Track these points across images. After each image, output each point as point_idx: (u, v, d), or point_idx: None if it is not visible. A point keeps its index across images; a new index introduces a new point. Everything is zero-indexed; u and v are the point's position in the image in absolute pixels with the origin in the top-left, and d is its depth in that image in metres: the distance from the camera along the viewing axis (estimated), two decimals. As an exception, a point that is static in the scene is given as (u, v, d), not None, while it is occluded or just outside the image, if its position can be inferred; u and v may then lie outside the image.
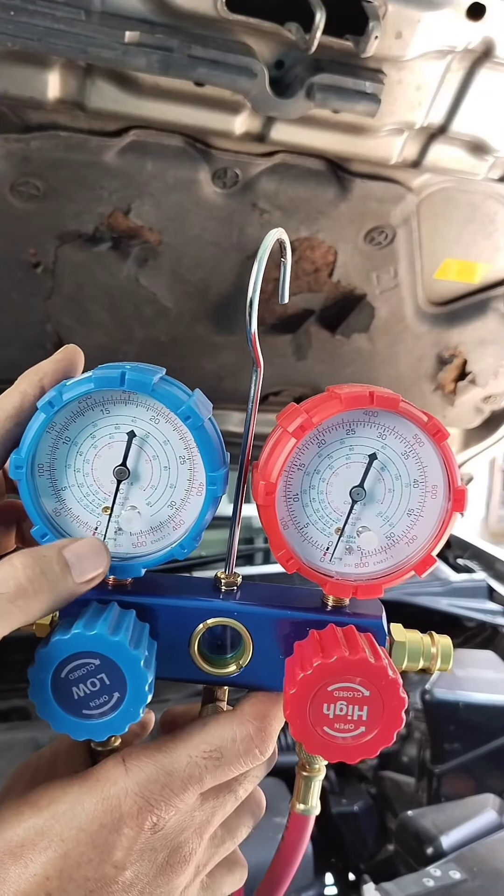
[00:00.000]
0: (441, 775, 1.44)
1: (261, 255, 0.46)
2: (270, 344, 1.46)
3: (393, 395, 0.47)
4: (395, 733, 0.46)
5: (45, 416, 0.47)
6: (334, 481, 0.49)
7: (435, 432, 0.48)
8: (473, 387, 1.66)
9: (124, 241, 1.23)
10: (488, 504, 6.65)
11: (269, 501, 0.48)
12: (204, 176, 1.15)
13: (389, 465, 0.49)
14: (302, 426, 0.47)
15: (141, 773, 0.45)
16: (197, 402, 0.48)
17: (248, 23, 0.93)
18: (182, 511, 0.50)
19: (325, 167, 1.20)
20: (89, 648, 0.45)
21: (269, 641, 0.50)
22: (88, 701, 0.46)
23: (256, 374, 0.49)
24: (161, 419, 0.48)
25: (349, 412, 0.48)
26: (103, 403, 0.48)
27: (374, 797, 1.52)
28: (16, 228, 1.18)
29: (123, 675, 0.45)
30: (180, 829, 0.46)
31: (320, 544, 0.51)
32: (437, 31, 0.97)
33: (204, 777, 0.46)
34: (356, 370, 1.56)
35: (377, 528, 0.50)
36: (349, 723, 0.46)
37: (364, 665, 0.45)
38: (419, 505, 0.50)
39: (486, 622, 1.82)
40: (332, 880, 1.39)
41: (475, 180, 1.23)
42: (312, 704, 0.46)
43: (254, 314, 0.46)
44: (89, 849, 0.43)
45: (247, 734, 0.48)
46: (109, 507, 0.49)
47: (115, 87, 0.99)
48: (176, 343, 1.42)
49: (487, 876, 1.06)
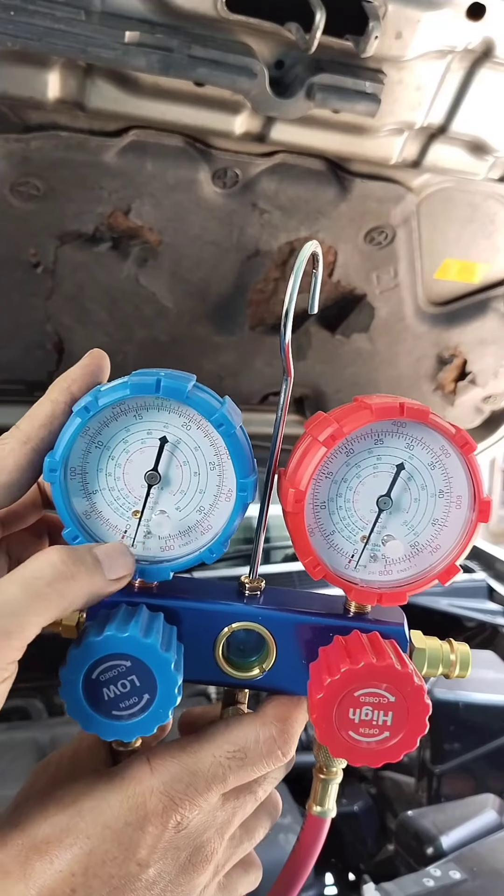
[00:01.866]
0: (441, 775, 1.44)
1: (297, 267, 0.46)
2: (270, 344, 1.46)
3: (423, 407, 0.47)
4: (418, 738, 0.47)
5: (81, 420, 0.47)
6: (361, 490, 0.50)
7: (463, 444, 0.48)
8: (473, 387, 1.66)
9: (124, 241, 1.23)
10: (488, 504, 6.64)
11: (299, 509, 0.48)
12: (204, 176, 1.15)
13: (416, 475, 0.50)
14: (333, 436, 0.47)
15: (166, 773, 0.46)
16: (229, 409, 0.48)
17: (248, 23, 0.93)
18: (210, 516, 0.51)
19: (325, 167, 1.20)
20: (121, 650, 0.45)
21: (293, 646, 0.51)
22: (118, 702, 0.46)
23: (287, 383, 0.49)
24: (193, 426, 0.49)
25: (378, 423, 0.48)
26: (136, 409, 0.49)
27: (374, 797, 1.52)
28: (16, 228, 1.18)
29: (154, 677, 0.46)
30: (203, 829, 0.46)
31: (345, 552, 0.51)
32: (437, 31, 0.97)
33: (227, 777, 0.46)
34: (356, 370, 1.56)
35: (402, 536, 0.51)
36: (374, 727, 0.47)
37: (391, 671, 0.46)
38: (444, 515, 0.51)
39: (486, 622, 1.82)
40: (332, 880, 1.39)
41: (475, 180, 1.23)
42: (339, 709, 0.46)
43: (289, 325, 0.47)
44: (114, 846, 0.43)
45: (270, 735, 0.48)
46: (139, 511, 0.50)
47: (115, 87, 0.99)
48: (176, 343, 1.42)
49: (487, 876, 1.06)
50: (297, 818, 1.26)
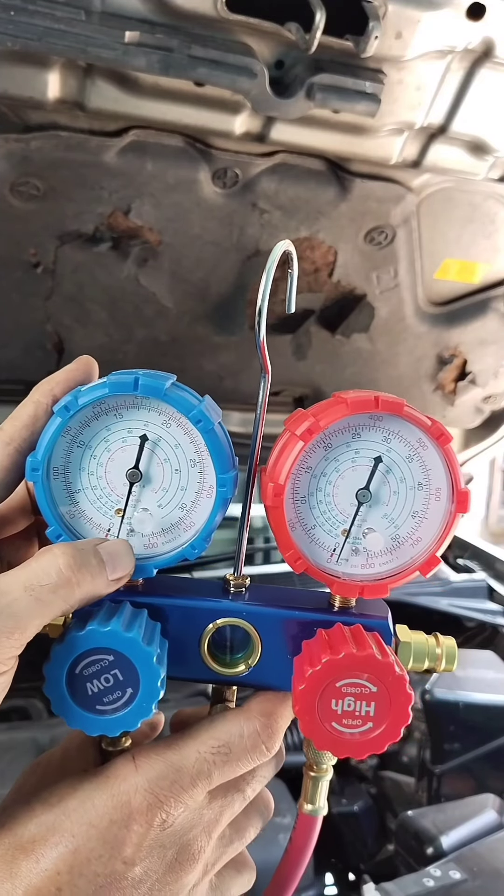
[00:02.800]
0: (441, 775, 1.44)
1: (269, 265, 0.47)
2: (270, 344, 1.45)
3: (397, 400, 0.48)
4: (402, 729, 0.47)
5: (61, 419, 0.48)
6: (340, 484, 0.51)
7: (438, 436, 0.49)
8: (473, 387, 1.66)
9: (124, 241, 1.23)
10: (488, 504, 6.64)
11: (278, 503, 0.49)
12: (204, 176, 1.15)
13: (394, 467, 0.50)
14: (309, 430, 0.48)
15: (151, 770, 0.46)
16: (207, 406, 0.49)
17: (248, 23, 0.93)
18: (192, 513, 0.51)
19: (325, 167, 1.20)
20: (104, 644, 0.45)
21: (278, 641, 0.51)
22: (102, 696, 0.46)
23: (265, 380, 0.50)
24: (173, 423, 0.50)
25: (355, 417, 0.49)
26: (117, 408, 0.49)
27: (374, 797, 1.52)
28: (16, 228, 1.18)
29: (136, 671, 0.46)
30: (189, 827, 0.46)
31: (327, 545, 0.52)
32: (437, 32, 0.98)
33: (212, 773, 0.47)
34: (356, 370, 1.56)
35: (382, 529, 0.51)
36: (357, 718, 0.47)
37: (371, 661, 0.46)
38: (423, 507, 0.51)
39: (486, 622, 1.82)
40: (332, 880, 1.39)
41: (475, 180, 1.23)
42: (321, 700, 0.46)
43: (262, 322, 0.48)
44: (99, 844, 0.43)
45: (254, 730, 0.48)
46: (122, 510, 0.51)
47: (115, 87, 0.99)
48: (176, 343, 1.42)
49: (487, 876, 1.06)
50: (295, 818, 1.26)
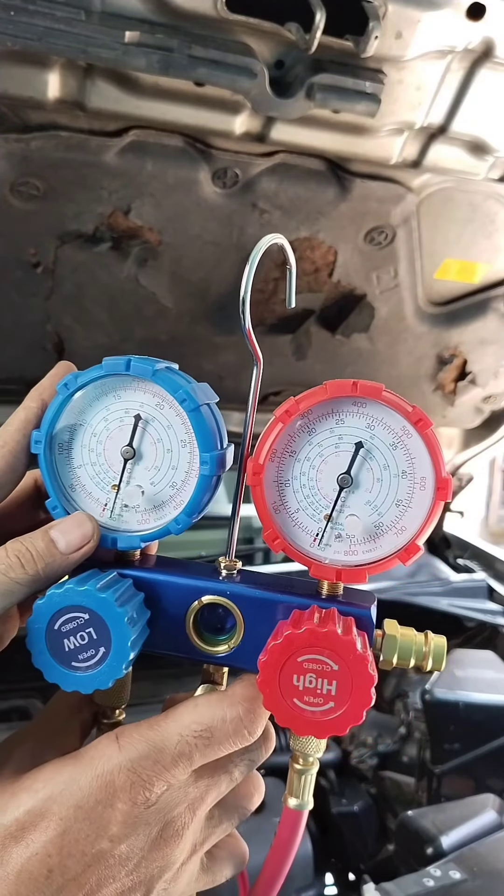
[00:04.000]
0: (441, 775, 1.44)
1: (253, 256, 0.49)
2: (270, 344, 1.46)
3: (376, 385, 0.49)
4: (364, 712, 0.47)
5: (62, 396, 0.52)
6: (324, 469, 0.52)
7: (417, 420, 0.49)
8: (473, 387, 1.66)
9: (124, 241, 1.23)
10: (488, 504, 6.64)
11: (257, 481, 0.51)
12: (204, 176, 1.15)
13: (377, 454, 0.51)
14: (288, 411, 0.50)
15: (133, 750, 0.47)
16: (195, 388, 0.52)
17: (248, 23, 0.93)
18: (182, 492, 0.54)
19: (325, 167, 1.20)
20: (79, 602, 0.48)
21: (261, 624, 0.52)
22: (77, 654, 0.49)
23: (257, 369, 0.53)
24: (165, 405, 0.53)
25: (339, 402, 0.50)
26: (115, 390, 0.53)
27: (374, 797, 1.52)
28: (16, 228, 1.18)
29: (109, 631, 0.48)
30: (173, 805, 0.48)
31: (310, 530, 0.52)
32: (437, 32, 0.98)
33: (193, 755, 0.47)
34: (356, 370, 1.56)
35: (365, 516, 0.52)
36: (318, 696, 0.47)
37: (332, 638, 0.46)
38: (408, 496, 0.51)
39: (486, 622, 1.82)
40: (332, 880, 1.39)
41: (475, 180, 1.23)
42: (283, 674, 0.47)
43: (247, 311, 0.50)
44: (86, 825, 0.45)
45: (236, 715, 0.49)
46: (117, 485, 0.54)
47: (115, 87, 0.99)
48: (176, 343, 1.42)
49: (487, 876, 1.06)
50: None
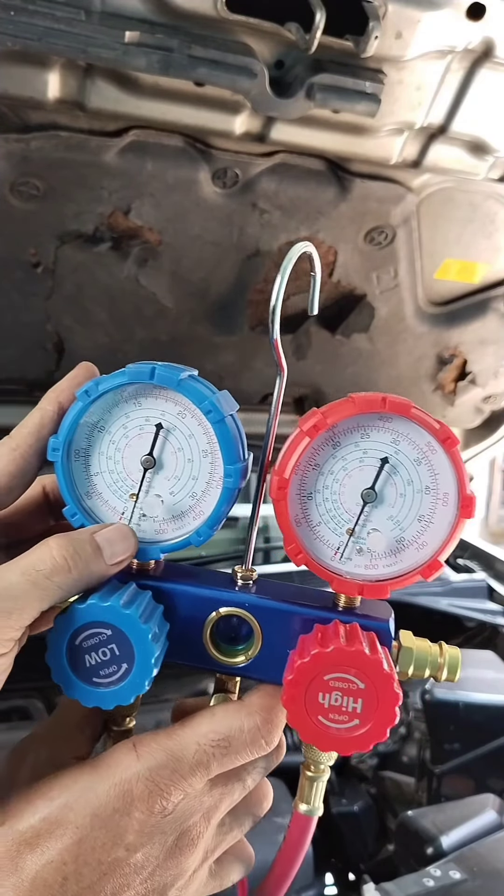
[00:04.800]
0: (441, 775, 1.44)
1: (284, 265, 0.48)
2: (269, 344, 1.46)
3: (405, 401, 0.49)
4: (388, 729, 0.47)
5: (82, 403, 0.50)
6: (347, 483, 0.51)
7: (444, 439, 0.49)
8: (473, 387, 1.66)
9: (124, 241, 1.23)
10: (488, 504, 6.65)
11: (282, 496, 0.50)
12: (204, 176, 1.15)
13: (401, 469, 0.51)
14: (315, 426, 0.49)
15: (151, 759, 0.46)
16: (220, 398, 0.51)
17: (248, 23, 0.93)
18: (202, 502, 0.53)
19: (325, 167, 1.20)
20: (102, 619, 0.47)
21: (278, 635, 0.52)
22: (99, 669, 0.48)
23: (280, 379, 0.52)
24: (187, 414, 0.52)
25: (365, 417, 0.50)
26: (136, 397, 0.52)
27: (374, 797, 1.52)
28: (16, 228, 1.18)
29: (132, 648, 0.48)
30: (189, 814, 0.47)
31: (331, 543, 0.52)
32: (437, 32, 0.98)
33: (211, 764, 0.47)
34: (356, 370, 1.56)
35: (387, 531, 0.51)
36: (344, 714, 0.47)
37: (359, 657, 0.46)
38: (430, 511, 0.51)
39: (486, 622, 1.82)
40: (332, 880, 1.39)
41: (475, 180, 1.23)
42: (308, 692, 0.47)
43: (276, 321, 0.49)
44: (102, 833, 0.45)
45: (254, 725, 0.49)
46: (136, 494, 0.53)
47: (115, 87, 0.99)
48: (176, 343, 1.42)
49: (487, 876, 1.06)
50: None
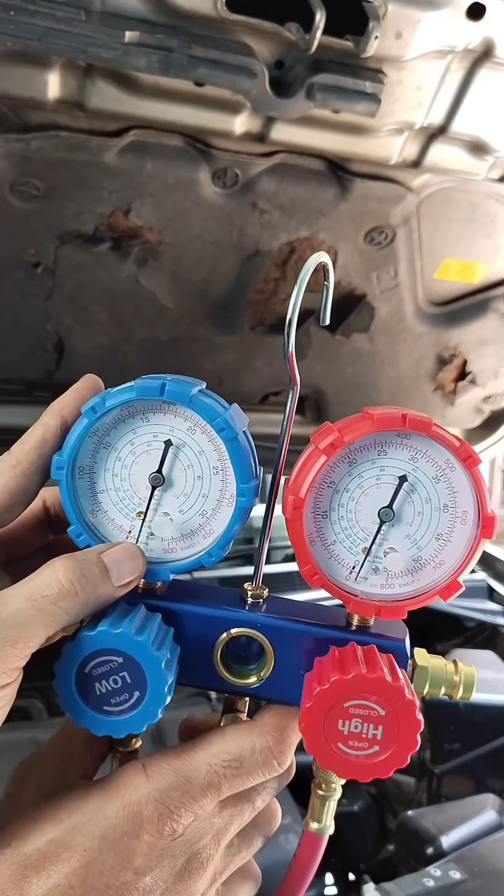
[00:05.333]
0: (441, 775, 1.44)
1: (301, 278, 0.46)
2: (270, 344, 1.46)
3: (426, 419, 0.47)
4: (409, 756, 0.46)
5: (88, 420, 0.48)
6: (364, 501, 0.50)
7: (466, 457, 0.48)
8: (473, 387, 1.66)
9: (124, 241, 1.23)
10: (488, 504, 6.64)
11: (297, 516, 0.48)
12: (204, 176, 1.15)
13: (420, 487, 0.49)
14: (333, 444, 0.47)
15: (162, 781, 0.45)
16: (232, 414, 0.49)
17: (248, 23, 0.93)
18: (213, 520, 0.51)
19: (325, 167, 1.20)
20: (114, 646, 0.46)
21: (291, 656, 0.51)
22: (110, 697, 0.47)
23: (293, 392, 0.50)
24: (197, 430, 0.50)
25: (382, 434, 0.48)
26: (144, 412, 0.50)
27: (374, 797, 1.52)
28: (16, 228, 1.18)
29: (144, 675, 0.46)
30: (199, 836, 0.46)
31: (346, 562, 0.51)
32: (437, 32, 0.97)
33: (222, 785, 0.46)
34: (356, 370, 1.56)
35: (404, 550, 0.50)
36: (363, 741, 0.46)
37: (381, 684, 0.45)
38: (448, 530, 0.50)
39: (486, 622, 1.82)
40: (332, 880, 1.39)
41: (475, 180, 1.23)
42: (328, 719, 0.46)
43: (292, 334, 0.47)
44: (111, 856, 0.43)
45: (266, 746, 0.48)
46: (143, 512, 0.51)
47: (115, 87, 0.99)
48: (176, 343, 1.42)
49: (487, 876, 1.06)
50: (297, 818, 1.26)
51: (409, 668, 0.51)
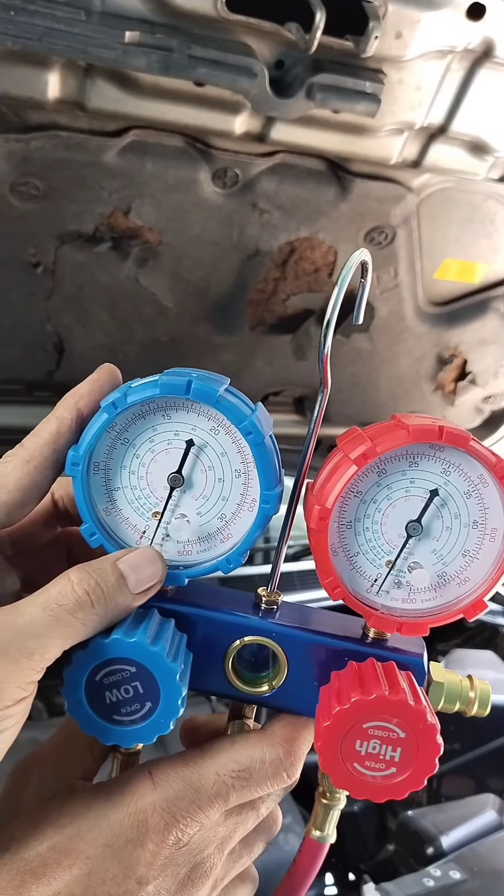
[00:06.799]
0: (441, 775, 1.44)
1: (342, 277, 0.44)
2: (270, 344, 1.46)
3: (463, 433, 0.45)
4: (426, 778, 0.45)
5: (108, 416, 0.46)
6: (391, 512, 0.48)
7: (503, 475, 0.46)
8: (473, 387, 1.66)
9: (124, 241, 1.23)
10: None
11: (323, 527, 0.46)
12: (204, 176, 1.15)
13: (450, 502, 0.48)
14: (365, 454, 0.45)
15: (169, 789, 0.44)
16: (259, 417, 0.47)
17: (248, 23, 0.93)
18: (231, 525, 0.49)
19: (325, 167, 1.20)
20: (127, 655, 0.44)
21: (305, 665, 0.49)
22: (120, 707, 0.45)
23: (322, 394, 0.48)
24: (221, 431, 0.47)
25: (414, 445, 0.46)
26: (165, 409, 0.47)
27: (374, 797, 1.52)
28: (16, 228, 1.18)
29: (158, 686, 0.45)
30: (204, 845, 0.45)
31: (368, 575, 0.49)
32: (437, 32, 0.98)
33: (230, 795, 0.45)
34: (356, 370, 1.56)
35: (429, 565, 0.49)
36: (380, 762, 0.45)
37: (403, 706, 0.44)
38: (476, 547, 0.48)
39: (486, 622, 1.82)
40: (332, 880, 1.39)
41: (475, 180, 1.23)
42: (345, 739, 0.45)
43: (329, 336, 0.45)
44: (114, 864, 0.42)
45: (276, 757, 0.47)
46: (160, 513, 0.49)
47: (115, 87, 0.99)
48: (176, 343, 1.42)
49: (487, 876, 1.06)
50: (297, 818, 1.26)
51: (426, 684, 0.49)
